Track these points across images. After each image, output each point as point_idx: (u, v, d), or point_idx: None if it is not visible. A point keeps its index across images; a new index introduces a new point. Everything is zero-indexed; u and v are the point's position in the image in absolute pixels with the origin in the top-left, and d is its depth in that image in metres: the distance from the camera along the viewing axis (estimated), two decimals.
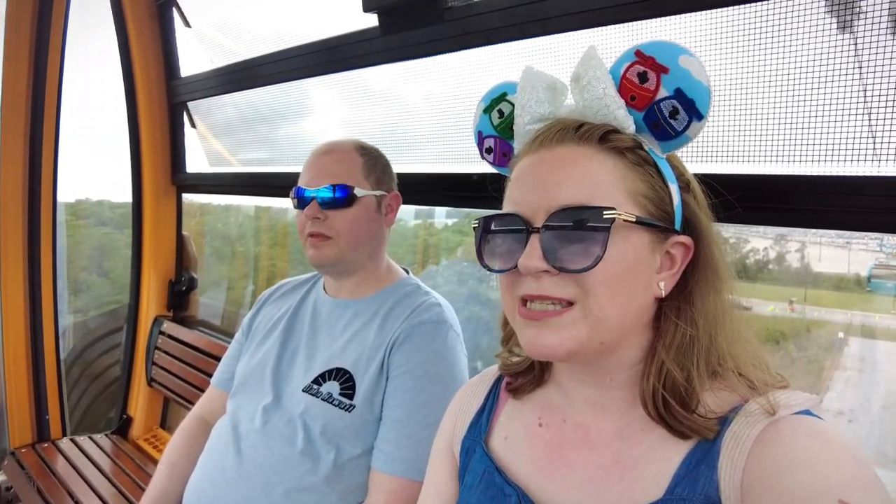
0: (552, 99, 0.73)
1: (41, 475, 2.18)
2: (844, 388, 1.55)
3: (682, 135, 0.68)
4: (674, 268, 0.69)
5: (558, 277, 0.65)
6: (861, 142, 0.94)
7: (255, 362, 1.34)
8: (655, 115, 0.67)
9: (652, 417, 0.68)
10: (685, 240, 0.69)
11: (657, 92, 0.66)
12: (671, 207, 0.69)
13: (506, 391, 0.86)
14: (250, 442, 1.21)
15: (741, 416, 0.63)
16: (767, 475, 0.58)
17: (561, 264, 0.64)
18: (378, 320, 1.26)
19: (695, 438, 0.65)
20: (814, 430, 0.60)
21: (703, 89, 0.65)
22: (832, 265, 1.69)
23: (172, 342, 2.49)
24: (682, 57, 0.65)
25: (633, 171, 0.67)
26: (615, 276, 0.64)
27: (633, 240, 0.65)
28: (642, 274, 0.67)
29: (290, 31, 2.00)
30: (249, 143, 2.46)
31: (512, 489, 0.75)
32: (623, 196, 0.65)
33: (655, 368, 0.68)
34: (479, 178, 1.46)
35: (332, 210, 1.26)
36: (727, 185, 0.77)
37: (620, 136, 0.68)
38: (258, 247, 3.65)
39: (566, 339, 0.65)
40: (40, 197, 2.47)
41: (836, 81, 0.95)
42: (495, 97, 0.81)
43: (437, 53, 1.52)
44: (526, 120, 0.74)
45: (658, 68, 0.66)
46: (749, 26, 1.03)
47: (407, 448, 1.13)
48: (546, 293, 0.65)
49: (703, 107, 0.66)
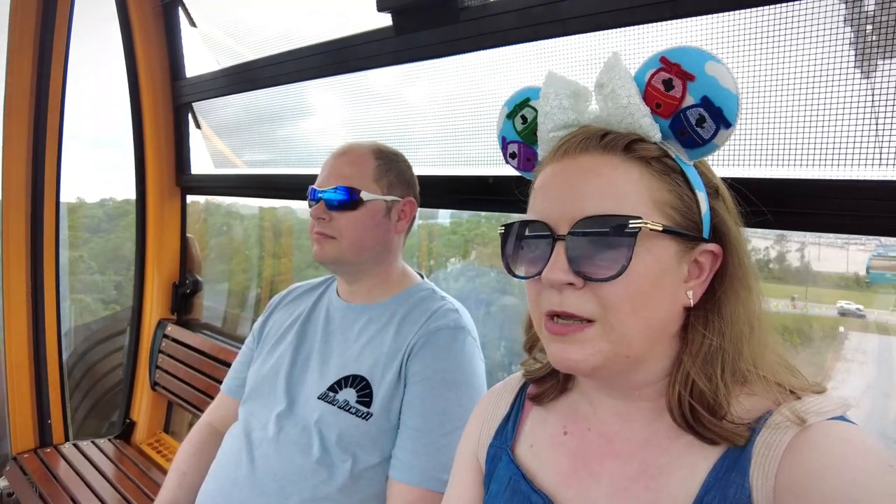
0: (576, 105, 0.72)
1: (43, 481, 2.16)
2: (847, 377, 1.65)
3: (709, 143, 0.66)
4: (702, 276, 0.68)
5: (581, 292, 0.64)
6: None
7: (268, 368, 1.31)
8: (682, 123, 0.66)
9: (679, 426, 0.66)
10: (713, 247, 0.68)
11: (683, 100, 0.65)
12: (699, 216, 0.68)
13: (529, 400, 0.85)
14: (263, 451, 1.19)
15: (772, 423, 0.62)
16: (800, 482, 0.57)
17: (585, 273, 0.64)
18: (394, 326, 1.23)
19: (724, 445, 0.64)
20: (846, 436, 0.59)
21: (730, 97, 0.64)
22: (832, 265, 1.75)
23: (176, 345, 2.46)
24: (709, 63, 0.64)
25: (659, 180, 0.66)
26: (638, 291, 0.63)
27: (657, 251, 0.64)
28: (667, 285, 0.66)
29: (298, 31, 1.98)
30: (255, 144, 2.44)
31: (539, 497, 0.74)
32: (648, 206, 0.65)
33: (681, 378, 0.67)
34: (494, 180, 1.44)
35: (336, 211, 1.25)
36: (755, 189, 0.76)
37: (646, 145, 0.67)
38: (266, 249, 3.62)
39: (590, 355, 0.65)
40: (43, 200, 2.44)
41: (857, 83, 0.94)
42: (518, 103, 0.80)
43: (451, 54, 1.50)
44: (549, 127, 0.73)
45: (684, 75, 0.65)
46: (766, 28, 1.02)
47: (425, 457, 1.10)
48: (567, 310, 0.65)
49: (730, 115, 0.64)
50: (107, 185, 4.00)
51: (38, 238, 2.45)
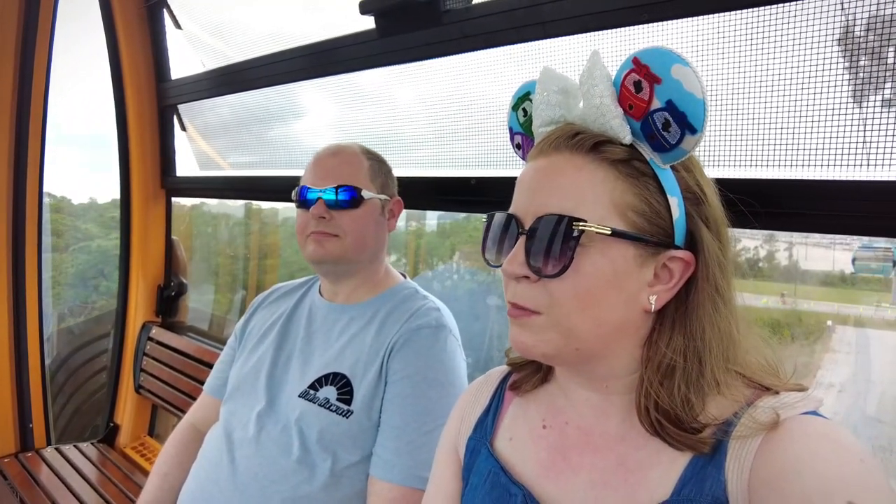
0: (564, 102, 0.71)
1: (25, 486, 2.12)
2: (835, 366, 1.78)
3: (676, 147, 0.65)
4: (671, 282, 0.68)
5: (535, 285, 0.67)
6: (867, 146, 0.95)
7: (249, 367, 1.31)
8: (650, 127, 0.65)
9: (649, 432, 0.67)
10: (684, 255, 0.67)
11: (651, 103, 0.64)
12: (668, 220, 0.67)
13: (510, 389, 0.86)
14: (244, 451, 1.18)
15: (748, 417, 0.63)
16: (775, 476, 0.58)
17: (536, 268, 0.66)
18: (376, 324, 1.24)
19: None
20: (821, 431, 0.60)
21: (695, 102, 0.62)
22: (818, 264, 1.85)
23: (161, 348, 2.45)
24: (675, 67, 0.62)
25: (624, 182, 0.66)
26: (586, 290, 0.65)
27: (611, 253, 0.65)
28: (624, 287, 0.66)
29: (283, 33, 1.98)
30: (240, 146, 2.43)
31: (518, 488, 0.75)
32: (607, 209, 0.65)
33: (643, 391, 0.67)
34: (476, 182, 1.45)
35: (338, 210, 1.26)
36: (737, 190, 0.76)
37: (612, 148, 0.66)
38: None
39: (539, 342, 0.68)
40: (25, 201, 2.42)
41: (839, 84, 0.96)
42: (520, 96, 0.80)
43: (434, 56, 1.51)
44: (538, 122, 0.74)
45: (651, 78, 0.63)
46: (748, 31, 1.03)
47: (406, 455, 1.11)
48: (518, 301, 0.69)
49: (695, 120, 0.62)
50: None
51: (20, 239, 2.42)
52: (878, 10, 0.91)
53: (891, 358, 1.79)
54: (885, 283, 1.67)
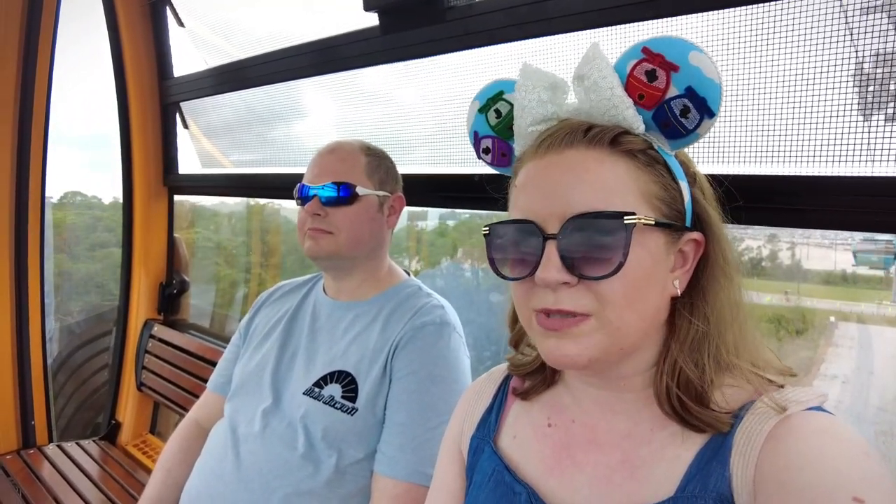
0: (554, 98, 0.71)
1: (27, 482, 2.12)
2: (838, 360, 1.84)
3: (693, 133, 0.67)
4: (686, 265, 0.69)
5: (576, 289, 0.64)
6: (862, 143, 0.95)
7: (254, 365, 1.31)
8: (665, 114, 0.66)
9: (667, 414, 0.67)
10: (696, 236, 0.69)
11: (667, 91, 0.64)
12: (682, 205, 0.68)
13: (514, 395, 0.85)
14: (249, 446, 1.19)
15: (752, 412, 0.63)
16: (780, 471, 0.58)
17: (580, 272, 0.63)
18: (380, 322, 1.24)
19: (706, 435, 0.65)
20: (825, 426, 0.60)
21: (714, 86, 0.64)
22: (819, 263, 1.91)
23: (163, 346, 2.45)
24: (693, 53, 0.63)
25: (645, 172, 0.66)
26: (633, 285, 0.63)
27: (649, 244, 0.64)
28: (659, 276, 0.66)
29: (286, 31, 1.98)
30: (243, 144, 2.43)
31: (522, 487, 0.74)
32: (638, 199, 0.64)
33: (668, 367, 0.67)
34: (480, 178, 1.45)
35: (333, 207, 1.26)
36: (741, 186, 0.77)
37: (631, 138, 0.66)
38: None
39: (586, 349, 0.64)
40: (28, 200, 2.41)
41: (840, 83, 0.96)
42: (491, 96, 0.78)
43: (437, 53, 1.51)
44: (528, 121, 0.72)
45: (668, 66, 0.64)
46: (752, 28, 1.03)
47: (410, 451, 1.11)
48: (563, 307, 0.64)
49: (714, 104, 0.64)
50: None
51: (23, 237, 2.42)
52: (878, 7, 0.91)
53: (892, 352, 1.84)
54: (886, 283, 1.71)
